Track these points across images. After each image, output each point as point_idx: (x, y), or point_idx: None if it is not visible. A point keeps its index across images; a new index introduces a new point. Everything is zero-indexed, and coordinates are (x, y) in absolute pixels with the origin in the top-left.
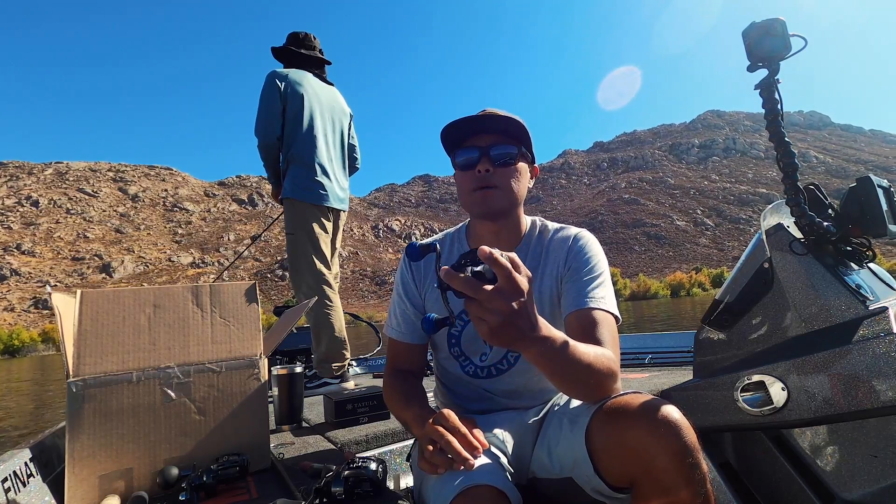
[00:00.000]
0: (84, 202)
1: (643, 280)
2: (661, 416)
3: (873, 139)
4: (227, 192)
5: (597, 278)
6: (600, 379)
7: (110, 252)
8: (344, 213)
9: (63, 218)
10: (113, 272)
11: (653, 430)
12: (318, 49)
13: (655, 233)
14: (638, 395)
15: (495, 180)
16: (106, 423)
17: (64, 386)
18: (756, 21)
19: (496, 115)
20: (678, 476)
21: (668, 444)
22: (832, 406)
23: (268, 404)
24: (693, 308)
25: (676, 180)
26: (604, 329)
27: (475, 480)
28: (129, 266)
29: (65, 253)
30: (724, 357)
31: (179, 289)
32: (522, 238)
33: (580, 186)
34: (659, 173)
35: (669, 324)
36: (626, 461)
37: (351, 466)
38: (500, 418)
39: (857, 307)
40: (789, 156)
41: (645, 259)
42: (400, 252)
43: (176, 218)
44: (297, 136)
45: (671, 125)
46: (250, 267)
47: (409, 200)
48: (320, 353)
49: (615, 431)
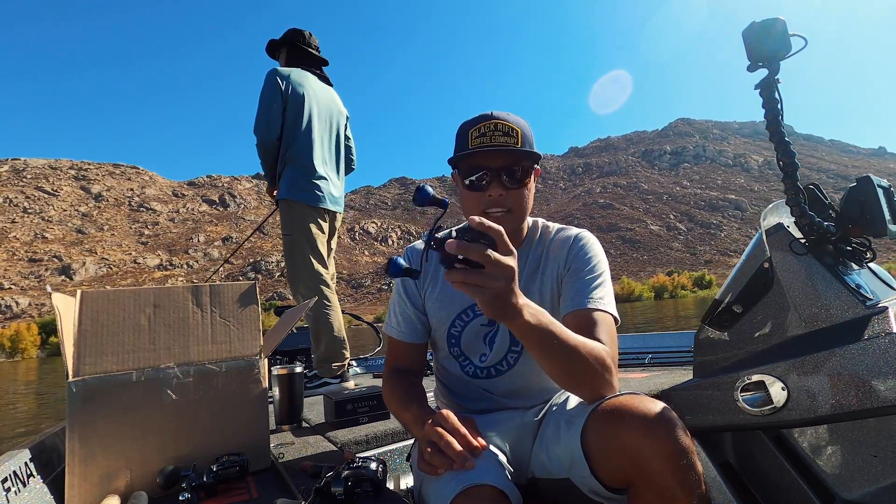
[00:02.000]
0: (43, 201)
1: (626, 282)
2: (656, 418)
3: (833, 149)
4: (198, 193)
5: (596, 279)
6: (592, 367)
7: (70, 253)
8: (340, 215)
9: (19, 217)
10: (73, 274)
11: (648, 432)
12: (317, 48)
13: (630, 237)
14: (634, 396)
15: (508, 203)
16: (106, 423)
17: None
18: (756, 21)
19: (504, 131)
20: (673, 478)
21: (663, 447)
22: (832, 406)
23: (268, 404)
24: (676, 309)
25: (649, 185)
26: (602, 329)
27: (475, 480)
28: (90, 268)
29: (20, 254)
30: (724, 357)
31: (180, 289)
32: (524, 240)
33: (556, 191)
34: (633, 179)
35: (662, 326)
36: (621, 463)
37: (351, 466)
38: (499, 418)
39: (857, 307)
40: (789, 156)
41: (621, 262)
42: (375, 255)
43: (142, 218)
44: (296, 138)
45: (644, 132)
46: (222, 271)
47: (386, 203)
48: (320, 353)
49: (610, 433)
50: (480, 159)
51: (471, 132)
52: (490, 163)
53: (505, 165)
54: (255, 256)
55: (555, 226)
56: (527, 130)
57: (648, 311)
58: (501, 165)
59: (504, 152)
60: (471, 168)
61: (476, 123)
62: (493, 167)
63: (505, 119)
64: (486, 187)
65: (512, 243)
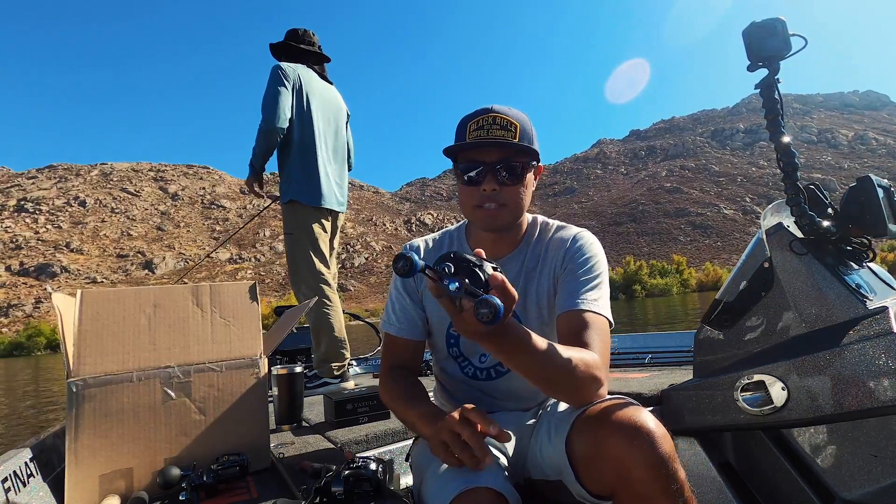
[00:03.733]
0: (127, 201)
1: (710, 269)
2: (637, 425)
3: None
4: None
5: (592, 280)
6: (581, 384)
7: (152, 249)
8: (342, 215)
9: (108, 217)
10: (155, 268)
11: (629, 440)
12: (317, 45)
13: (701, 222)
14: (616, 401)
15: (502, 198)
16: (106, 423)
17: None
18: (756, 21)
19: (502, 125)
20: (655, 486)
21: (644, 455)
22: (832, 406)
23: (268, 404)
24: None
25: (721, 167)
26: (593, 332)
27: (475, 483)
28: (170, 262)
29: (110, 250)
30: (724, 357)
31: (180, 288)
32: (522, 238)
33: (617, 176)
34: (702, 160)
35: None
36: (604, 470)
37: (351, 466)
38: (499, 419)
39: (857, 307)
40: (789, 156)
41: (691, 250)
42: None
43: (213, 215)
44: (299, 136)
45: (712, 110)
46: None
47: (441, 194)
48: (320, 352)
49: (593, 441)
50: (476, 153)
51: (469, 125)
52: (486, 157)
53: (500, 159)
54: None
55: (555, 224)
56: (527, 126)
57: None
58: (497, 159)
59: (500, 147)
60: (466, 162)
61: (475, 116)
62: (489, 161)
63: (504, 113)
64: (480, 181)
65: (510, 241)
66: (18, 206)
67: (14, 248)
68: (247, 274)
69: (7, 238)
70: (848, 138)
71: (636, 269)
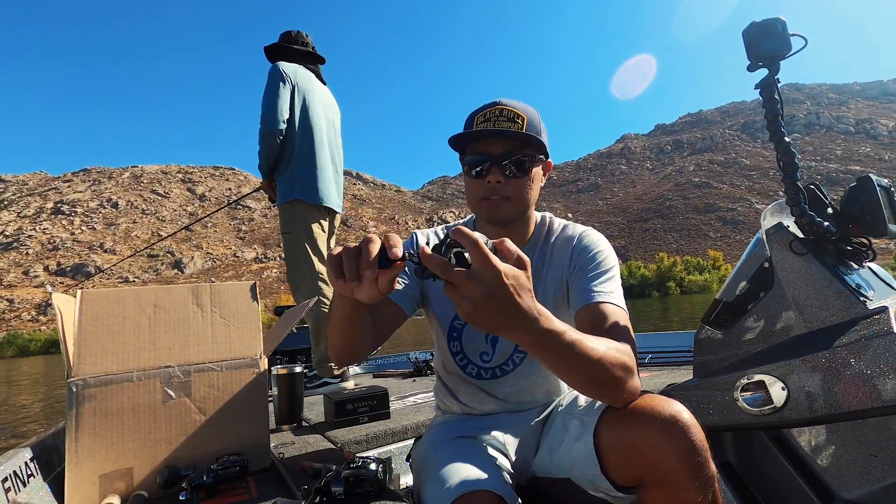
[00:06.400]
0: (157, 203)
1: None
2: (671, 415)
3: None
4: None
5: (604, 273)
6: (612, 374)
7: (181, 249)
8: (339, 215)
9: (139, 218)
10: (184, 268)
11: (662, 430)
12: (311, 46)
13: (732, 217)
14: (647, 394)
15: (507, 191)
16: (106, 423)
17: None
18: (756, 20)
19: (509, 117)
20: (686, 475)
21: (677, 444)
22: (832, 406)
23: (268, 404)
24: None
25: (752, 161)
26: (617, 323)
27: (475, 485)
28: (198, 262)
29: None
30: (724, 357)
31: (180, 289)
32: (530, 237)
33: (642, 171)
34: (731, 154)
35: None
36: (633, 460)
37: (351, 466)
38: (502, 420)
39: (857, 307)
40: (789, 155)
41: (722, 246)
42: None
43: (239, 215)
44: (298, 136)
45: (742, 103)
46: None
47: (463, 192)
48: (320, 352)
49: (624, 431)
50: (482, 145)
51: (476, 118)
52: (491, 149)
53: (506, 151)
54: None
55: (560, 223)
56: (535, 119)
57: None
58: (503, 151)
59: (506, 138)
60: (472, 154)
61: (483, 110)
62: (494, 153)
63: (511, 106)
64: (485, 173)
65: (516, 238)
66: (55, 208)
67: (51, 248)
68: (272, 273)
69: (45, 239)
70: (888, 128)
71: (670, 265)
